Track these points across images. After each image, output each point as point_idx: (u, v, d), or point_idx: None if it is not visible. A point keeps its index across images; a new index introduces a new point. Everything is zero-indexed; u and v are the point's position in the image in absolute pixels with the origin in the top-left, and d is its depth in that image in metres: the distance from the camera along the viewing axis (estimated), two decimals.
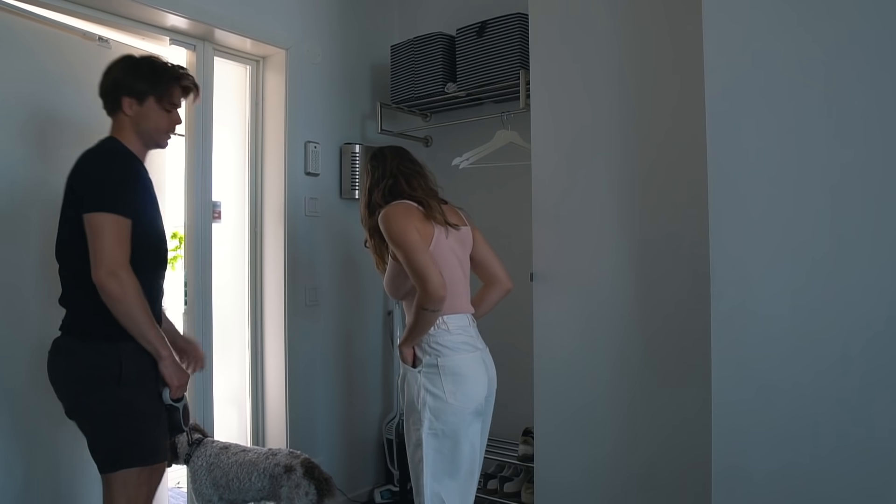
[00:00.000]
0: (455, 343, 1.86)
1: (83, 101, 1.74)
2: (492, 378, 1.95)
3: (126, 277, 1.57)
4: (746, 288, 1.66)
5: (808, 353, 1.58)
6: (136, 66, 1.75)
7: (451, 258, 1.92)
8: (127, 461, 1.64)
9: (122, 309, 1.58)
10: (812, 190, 1.58)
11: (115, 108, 1.74)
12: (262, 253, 2.88)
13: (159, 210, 1.82)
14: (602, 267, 2.13)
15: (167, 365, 1.66)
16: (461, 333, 1.88)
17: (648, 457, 2.04)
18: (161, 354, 1.65)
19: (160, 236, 1.81)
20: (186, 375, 1.73)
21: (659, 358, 2.03)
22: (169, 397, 1.71)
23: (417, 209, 1.89)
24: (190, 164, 2.58)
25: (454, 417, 1.83)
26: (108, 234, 1.57)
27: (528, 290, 2.26)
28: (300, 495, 1.94)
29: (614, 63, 2.13)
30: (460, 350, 1.87)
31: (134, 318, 1.60)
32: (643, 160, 2.07)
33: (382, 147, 2.07)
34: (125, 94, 1.71)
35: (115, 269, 1.56)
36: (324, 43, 3.00)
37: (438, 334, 1.85)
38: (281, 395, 2.80)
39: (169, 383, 1.68)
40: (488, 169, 2.81)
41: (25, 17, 2.07)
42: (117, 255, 1.57)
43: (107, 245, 1.56)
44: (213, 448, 2.12)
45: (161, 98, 1.75)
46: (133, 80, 1.72)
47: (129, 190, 1.65)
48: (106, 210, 1.58)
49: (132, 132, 1.74)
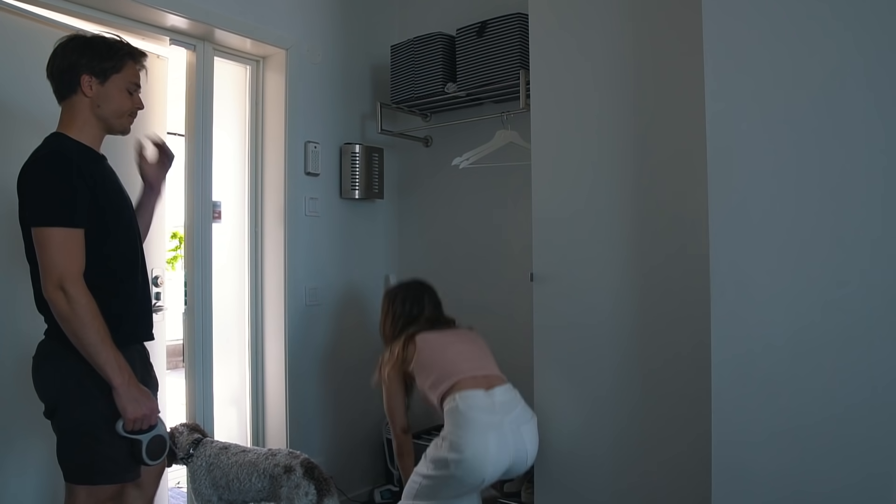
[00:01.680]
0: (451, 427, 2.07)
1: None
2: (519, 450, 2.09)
3: (75, 292, 1.46)
4: (746, 288, 1.66)
5: (809, 353, 1.57)
6: (90, 44, 1.61)
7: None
8: (95, 477, 1.55)
9: (70, 327, 1.47)
10: (812, 190, 1.58)
11: (70, 90, 1.59)
12: (262, 253, 2.88)
13: (125, 202, 1.70)
14: (602, 267, 2.13)
15: (119, 395, 1.50)
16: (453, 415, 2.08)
17: (649, 456, 2.04)
18: (114, 383, 1.49)
19: (133, 232, 1.71)
20: (145, 408, 1.54)
21: (659, 358, 2.03)
22: (122, 428, 1.53)
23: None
24: (190, 164, 2.58)
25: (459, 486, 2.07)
26: (54, 248, 1.47)
27: (528, 291, 2.26)
28: (300, 496, 1.94)
29: (614, 63, 2.12)
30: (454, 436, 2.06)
31: (83, 338, 1.47)
32: (643, 160, 2.07)
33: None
34: (85, 72, 1.58)
35: (62, 282, 1.46)
36: (324, 43, 3.00)
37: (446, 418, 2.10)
38: (281, 395, 2.80)
39: (122, 415, 1.52)
40: (488, 169, 2.81)
41: (25, 17, 2.07)
42: (64, 268, 1.46)
43: (53, 258, 1.46)
44: (212, 448, 2.12)
45: (125, 76, 1.63)
46: (92, 58, 1.59)
47: (77, 196, 1.51)
48: (50, 224, 1.47)
49: (91, 116, 1.61)
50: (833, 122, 1.55)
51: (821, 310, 1.56)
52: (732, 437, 1.67)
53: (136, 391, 1.54)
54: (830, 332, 1.55)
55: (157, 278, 2.41)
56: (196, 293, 2.57)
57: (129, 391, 1.51)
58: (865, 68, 1.52)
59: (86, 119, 1.61)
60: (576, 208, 2.19)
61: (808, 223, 1.58)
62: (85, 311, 1.47)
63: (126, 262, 1.67)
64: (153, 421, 1.57)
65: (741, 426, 1.66)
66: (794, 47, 1.60)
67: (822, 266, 1.56)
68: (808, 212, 1.58)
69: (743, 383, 1.65)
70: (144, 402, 1.55)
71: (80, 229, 1.51)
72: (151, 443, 1.57)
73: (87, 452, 1.55)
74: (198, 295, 2.58)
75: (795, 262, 1.59)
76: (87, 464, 1.55)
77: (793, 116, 1.60)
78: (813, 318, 1.57)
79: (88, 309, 1.48)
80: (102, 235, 1.58)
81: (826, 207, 1.56)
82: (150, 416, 1.55)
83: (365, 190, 3.05)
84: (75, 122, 1.61)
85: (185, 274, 2.59)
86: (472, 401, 2.02)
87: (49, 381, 1.59)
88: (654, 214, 2.05)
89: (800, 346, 1.59)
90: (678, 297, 1.98)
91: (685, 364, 1.95)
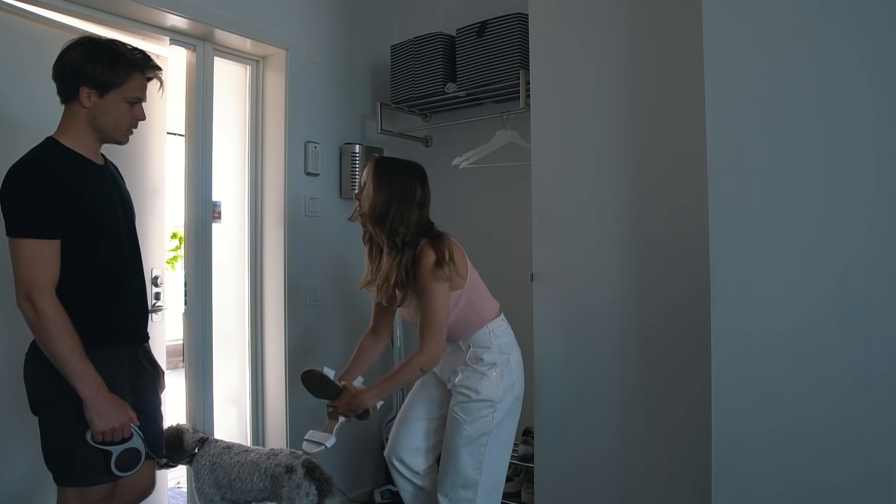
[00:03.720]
0: (510, 345, 2.05)
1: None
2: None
3: (42, 304, 1.45)
4: (746, 288, 1.66)
5: (809, 353, 1.58)
6: (97, 52, 1.56)
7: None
8: (71, 478, 1.54)
9: (39, 338, 1.48)
10: (812, 189, 1.58)
11: (70, 96, 1.57)
12: (262, 253, 2.87)
13: (119, 209, 1.67)
14: (602, 267, 2.13)
15: (87, 407, 1.48)
16: (508, 335, 2.06)
17: (649, 456, 2.04)
18: (81, 394, 1.47)
19: (118, 238, 1.66)
20: (114, 421, 1.50)
21: (659, 358, 2.03)
22: (90, 439, 1.50)
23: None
24: (190, 164, 2.58)
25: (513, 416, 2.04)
26: (23, 259, 1.46)
27: (528, 291, 2.26)
28: (301, 496, 1.94)
29: (614, 63, 2.13)
30: (516, 349, 2.06)
31: (50, 349, 1.47)
32: (643, 159, 2.07)
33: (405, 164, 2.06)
34: (84, 83, 1.55)
35: (29, 294, 1.45)
36: (324, 43, 3.00)
37: (499, 337, 2.02)
38: (281, 395, 2.80)
39: (90, 427, 1.49)
40: (488, 169, 2.81)
41: (25, 17, 2.07)
42: (32, 280, 1.45)
43: (22, 269, 1.46)
44: (216, 448, 2.12)
45: (125, 91, 1.59)
46: (94, 69, 1.54)
47: (52, 206, 1.49)
48: (22, 235, 1.46)
49: (87, 126, 1.59)
50: (833, 122, 1.55)
51: (821, 309, 1.57)
52: (732, 436, 1.67)
53: (106, 404, 1.50)
54: (830, 332, 1.55)
55: (156, 278, 2.40)
56: (196, 293, 2.57)
57: (95, 403, 1.49)
58: (865, 69, 1.52)
59: (81, 127, 1.59)
60: (576, 208, 2.19)
61: (808, 223, 1.59)
62: (51, 322, 1.46)
63: (110, 269, 1.64)
64: (125, 434, 1.54)
65: (741, 426, 1.66)
66: (794, 47, 1.60)
67: (822, 266, 1.56)
68: (808, 211, 1.58)
69: (743, 383, 1.66)
70: (113, 415, 1.51)
71: (53, 240, 1.49)
72: (122, 455, 1.53)
73: (63, 452, 1.54)
74: (198, 295, 2.58)
75: (795, 261, 1.60)
76: (63, 463, 1.55)
77: (793, 117, 1.60)
78: (813, 317, 1.58)
79: (55, 321, 1.47)
80: (86, 243, 1.57)
81: (826, 207, 1.56)
82: (119, 429, 1.52)
83: None
84: (71, 130, 1.59)
85: (185, 274, 2.59)
86: (503, 323, 2.10)
87: (33, 380, 1.59)
88: (654, 214, 2.05)
89: (800, 345, 1.59)
90: (678, 297, 1.98)
91: (685, 364, 1.95)
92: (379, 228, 1.95)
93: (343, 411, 1.99)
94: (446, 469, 2.00)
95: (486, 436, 1.96)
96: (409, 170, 2.00)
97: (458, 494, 1.97)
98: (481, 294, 2.04)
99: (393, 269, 1.93)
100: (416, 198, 1.95)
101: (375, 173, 1.97)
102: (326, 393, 2.02)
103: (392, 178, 1.96)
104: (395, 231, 1.92)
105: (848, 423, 1.53)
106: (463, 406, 1.97)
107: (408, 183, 1.96)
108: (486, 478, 1.98)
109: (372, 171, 1.98)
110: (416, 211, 1.94)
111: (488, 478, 1.99)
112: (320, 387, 2.03)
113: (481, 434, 1.96)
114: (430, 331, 1.90)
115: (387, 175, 1.97)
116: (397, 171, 1.99)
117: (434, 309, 1.90)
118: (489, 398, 1.96)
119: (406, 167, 2.01)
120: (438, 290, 1.89)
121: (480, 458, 1.96)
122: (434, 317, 1.90)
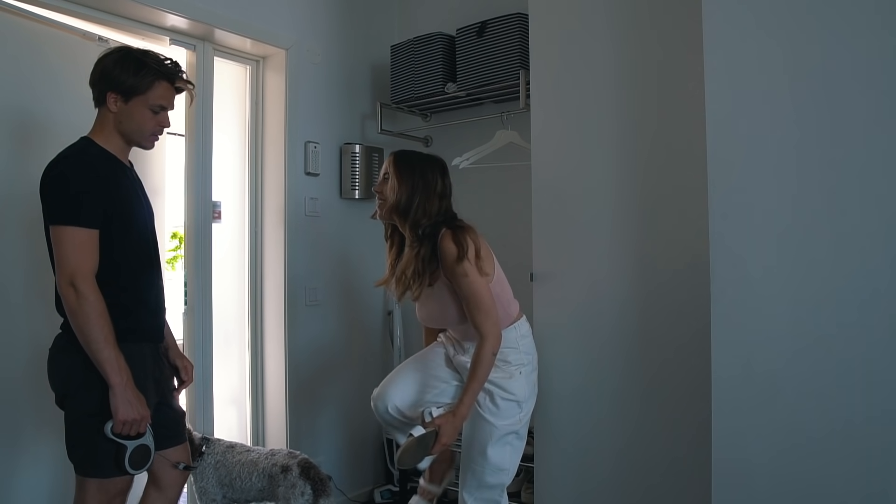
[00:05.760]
0: (532, 346, 2.06)
1: (83, 101, 1.73)
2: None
3: (85, 289, 1.52)
4: (746, 287, 1.66)
5: (809, 353, 1.57)
6: (125, 60, 1.65)
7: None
8: (93, 469, 1.58)
9: (76, 322, 1.53)
10: (812, 189, 1.58)
11: (100, 100, 1.67)
12: (262, 253, 2.88)
13: (145, 209, 1.76)
14: (602, 267, 2.13)
15: (115, 395, 1.53)
16: (530, 336, 2.07)
17: (649, 456, 2.04)
18: (111, 381, 1.53)
19: (145, 237, 1.75)
20: (137, 413, 1.55)
21: (659, 358, 2.03)
22: (110, 431, 1.54)
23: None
24: (190, 164, 2.58)
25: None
26: (68, 245, 1.53)
27: (529, 291, 2.26)
28: (296, 495, 1.95)
29: (614, 63, 2.13)
30: (535, 352, 2.07)
31: (87, 334, 1.52)
32: (643, 160, 2.07)
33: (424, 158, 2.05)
34: (110, 90, 1.64)
35: (73, 279, 1.51)
36: (324, 43, 3.00)
37: (524, 337, 2.03)
38: (281, 395, 2.80)
39: (113, 415, 1.54)
40: (488, 169, 2.81)
41: (25, 17, 2.07)
42: (76, 266, 1.52)
43: (67, 255, 1.53)
44: (219, 447, 2.13)
45: (148, 98, 1.66)
46: (120, 75, 1.63)
47: (94, 198, 1.57)
48: (66, 223, 1.54)
49: (114, 130, 1.67)
50: (833, 122, 1.55)
51: (821, 310, 1.56)
52: (732, 437, 1.67)
53: (132, 394, 1.56)
54: (830, 332, 1.55)
55: None
56: (196, 293, 2.57)
57: (124, 392, 1.54)
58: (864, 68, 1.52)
59: (110, 131, 1.68)
60: (576, 208, 2.19)
61: (808, 223, 1.58)
62: (92, 308, 1.52)
63: (137, 267, 1.72)
64: (142, 429, 1.58)
65: (741, 426, 1.66)
66: (794, 47, 1.60)
67: (822, 266, 1.56)
68: (809, 211, 1.58)
69: (743, 383, 1.65)
70: (138, 406, 1.56)
71: (94, 230, 1.56)
72: (136, 451, 1.57)
73: (87, 443, 1.58)
74: (198, 295, 2.58)
75: (795, 262, 1.59)
76: (86, 455, 1.59)
77: (793, 117, 1.60)
78: (813, 318, 1.57)
79: (95, 307, 1.53)
80: (118, 239, 1.63)
81: (826, 207, 1.56)
82: (140, 421, 1.57)
83: (365, 190, 3.05)
84: (102, 132, 1.68)
85: (185, 274, 2.59)
86: (527, 325, 2.09)
87: (59, 372, 1.64)
88: (654, 214, 2.05)
89: (800, 346, 1.59)
90: (679, 297, 1.98)
91: (686, 364, 1.95)
92: (403, 220, 1.96)
93: (451, 441, 1.87)
94: (472, 468, 1.98)
95: (513, 434, 1.96)
96: (429, 162, 2.02)
97: (484, 494, 1.97)
98: (507, 292, 2.04)
99: (412, 260, 1.93)
100: (438, 189, 1.96)
101: (397, 166, 1.97)
102: (428, 446, 1.84)
103: (413, 170, 1.97)
104: (418, 223, 1.93)
105: (848, 423, 1.53)
106: (490, 406, 1.95)
107: (429, 175, 1.97)
108: (509, 477, 2.00)
109: (393, 164, 1.99)
110: (437, 202, 1.95)
111: (510, 477, 2.00)
112: (421, 450, 1.84)
113: (508, 433, 1.95)
114: (481, 314, 1.86)
115: (408, 168, 1.97)
116: (418, 163, 2.00)
117: (474, 291, 1.86)
118: (517, 398, 1.95)
119: (427, 159, 2.03)
120: (469, 270, 1.86)
121: (505, 456, 1.96)
122: (478, 298, 1.86)
